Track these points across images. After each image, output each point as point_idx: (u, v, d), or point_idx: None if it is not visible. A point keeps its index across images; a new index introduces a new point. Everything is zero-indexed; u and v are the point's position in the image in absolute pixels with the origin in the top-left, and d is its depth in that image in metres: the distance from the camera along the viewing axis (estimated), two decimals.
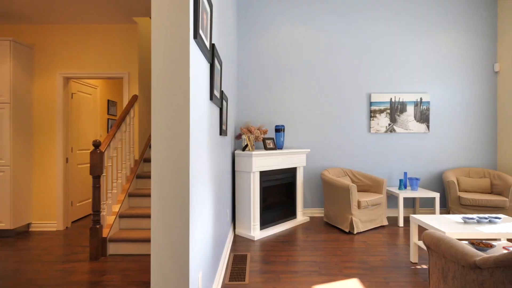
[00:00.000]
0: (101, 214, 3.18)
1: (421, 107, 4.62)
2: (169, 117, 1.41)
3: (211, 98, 2.04)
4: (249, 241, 3.55)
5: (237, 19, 4.68)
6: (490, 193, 4.22)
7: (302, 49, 4.68)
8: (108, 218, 3.31)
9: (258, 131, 4.13)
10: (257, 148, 4.56)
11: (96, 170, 3.00)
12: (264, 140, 4.12)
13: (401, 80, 4.68)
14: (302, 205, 4.40)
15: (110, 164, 3.33)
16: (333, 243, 3.44)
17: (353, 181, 4.46)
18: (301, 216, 4.38)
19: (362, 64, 4.68)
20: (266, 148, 4.06)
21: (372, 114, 4.63)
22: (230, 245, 3.34)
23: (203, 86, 1.81)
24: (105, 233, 3.13)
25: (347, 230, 3.80)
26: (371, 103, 4.63)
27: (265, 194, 4.00)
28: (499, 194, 4.10)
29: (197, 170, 1.60)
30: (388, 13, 4.67)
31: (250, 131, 4.13)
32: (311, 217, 4.58)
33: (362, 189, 4.37)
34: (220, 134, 2.59)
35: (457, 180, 4.40)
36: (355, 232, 3.74)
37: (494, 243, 2.77)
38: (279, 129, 4.31)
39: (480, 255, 1.49)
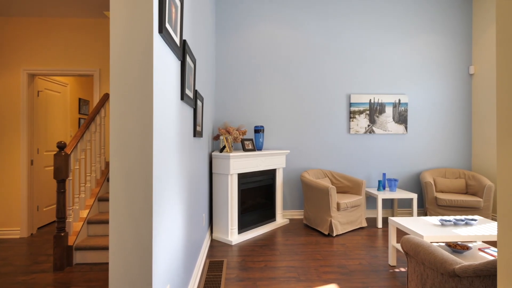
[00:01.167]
0: (67, 220, 2.96)
1: (400, 108, 4.66)
2: (129, 118, 1.27)
3: (182, 98, 1.91)
4: (227, 246, 3.43)
5: (216, 17, 4.54)
6: (465, 194, 4.30)
7: (282, 49, 4.60)
8: (75, 224, 3.09)
9: (237, 132, 4.02)
10: (236, 150, 4.45)
11: (61, 173, 2.78)
12: (242, 141, 4.01)
13: (380, 81, 4.70)
14: (282, 207, 4.32)
15: (78, 167, 3.12)
16: (312, 247, 3.37)
17: (332, 183, 4.43)
18: (281, 218, 4.30)
19: (342, 64, 4.66)
20: (244, 149, 3.95)
21: (352, 115, 4.62)
22: (206, 250, 3.21)
23: (172, 85, 1.68)
24: (71, 240, 2.92)
25: (326, 233, 3.75)
26: (350, 104, 4.62)
27: (244, 196, 3.89)
28: (474, 194, 4.19)
29: (163, 174, 1.47)
30: (367, 14, 4.67)
31: (229, 132, 4.01)
32: (290, 219, 4.51)
33: (342, 190, 4.35)
34: (194, 135, 2.46)
35: (434, 181, 4.45)
36: (334, 234, 3.70)
37: (470, 244, 2.79)
38: (258, 130, 4.21)
39: (459, 262, 1.45)
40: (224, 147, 3.67)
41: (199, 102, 2.67)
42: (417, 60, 4.72)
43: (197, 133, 2.55)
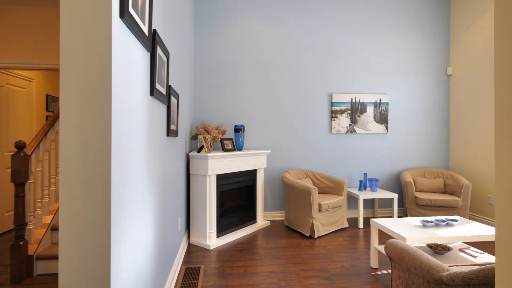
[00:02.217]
0: (28, 227, 2.71)
1: (380, 108, 4.65)
2: (82, 115, 1.10)
3: (152, 93, 1.74)
4: (205, 250, 3.27)
5: (194, 12, 4.35)
6: (444, 193, 4.34)
7: (263, 47, 4.48)
8: (37, 231, 2.83)
9: (216, 131, 3.86)
10: (215, 150, 4.28)
11: (19, 176, 2.53)
12: (222, 140, 3.85)
13: (361, 80, 4.67)
14: (263, 209, 4.20)
15: (40, 169, 2.86)
16: (293, 250, 3.27)
17: (314, 183, 4.36)
18: (262, 220, 4.18)
19: (324, 63, 4.60)
20: (224, 149, 3.80)
21: (334, 114, 4.57)
22: (182, 257, 3.04)
23: (139, 78, 1.51)
24: (31, 249, 2.67)
25: (307, 235, 3.67)
26: (332, 103, 4.56)
27: (223, 198, 3.74)
28: (452, 193, 4.23)
29: (126, 177, 1.30)
30: (349, 13, 4.63)
31: (207, 131, 3.85)
32: (272, 221, 4.40)
33: (323, 190, 4.28)
34: (168, 134, 2.28)
35: (414, 181, 4.47)
36: (315, 236, 3.62)
37: (450, 245, 2.78)
38: (238, 129, 4.07)
39: (446, 269, 1.37)
40: (202, 147, 3.51)
41: (173, 99, 2.50)
42: (397, 60, 4.73)
43: (171, 132, 2.38)
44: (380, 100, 4.64)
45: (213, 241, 3.39)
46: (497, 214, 0.87)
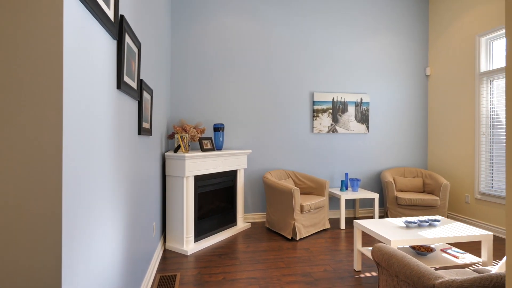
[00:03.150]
0: None
1: (361, 107, 4.63)
2: (30, 108, 0.91)
3: (119, 87, 1.56)
4: (182, 256, 3.08)
5: (171, 5, 4.14)
6: (423, 192, 4.38)
7: (245, 43, 4.34)
8: None
9: (194, 130, 3.68)
10: (194, 149, 4.10)
11: None
12: (200, 140, 3.68)
13: (343, 79, 4.63)
14: (243, 211, 4.06)
15: None
16: (275, 253, 3.15)
17: (296, 184, 4.27)
18: (242, 222, 4.04)
19: (306, 61, 4.52)
20: (203, 149, 3.62)
21: (315, 113, 4.50)
22: (157, 264, 2.84)
23: (103, 69, 1.33)
24: None
25: (289, 237, 3.56)
26: (314, 102, 4.49)
27: (201, 200, 3.56)
28: (431, 193, 4.27)
29: (84, 178, 1.12)
30: (330, 10, 4.57)
31: (185, 130, 3.66)
32: (252, 223, 4.27)
33: (305, 191, 4.20)
34: (140, 133, 2.09)
35: (394, 180, 4.48)
36: (297, 238, 3.52)
37: (433, 245, 2.75)
38: (218, 128, 3.90)
39: (438, 277, 1.28)
40: (179, 146, 3.32)
41: (146, 95, 2.30)
42: (377, 60, 4.73)
43: (143, 130, 2.19)
44: (361, 99, 4.62)
45: (190, 246, 3.22)
46: (507, 215, 0.78)
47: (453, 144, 4.41)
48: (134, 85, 1.89)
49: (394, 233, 2.44)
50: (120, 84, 1.56)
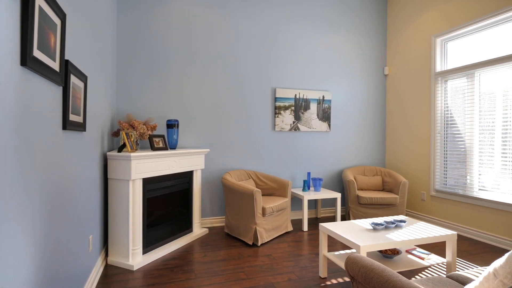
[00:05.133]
0: None
1: (324, 105, 4.52)
2: None
3: (24, 63, 1.15)
4: (127, 272, 2.66)
5: None
6: (382, 190, 4.39)
7: (204, 34, 3.98)
8: None
9: (144, 127, 3.25)
10: (144, 148, 3.65)
11: None
12: (151, 137, 3.26)
13: (305, 76, 4.48)
14: (200, 215, 3.71)
15: None
16: (234, 262, 2.86)
17: (257, 185, 4.02)
18: (199, 228, 3.69)
19: (268, 56, 4.29)
20: (154, 148, 3.21)
21: (277, 110, 4.29)
22: (95, 284, 2.40)
23: None
24: None
25: (250, 242, 3.30)
26: (276, 99, 4.28)
27: (152, 206, 3.15)
28: (390, 191, 4.29)
29: None
30: (294, 6, 4.39)
31: (133, 126, 3.22)
32: (210, 228, 3.93)
33: (267, 192, 3.97)
34: (65, 127, 1.67)
35: (355, 179, 4.44)
36: (259, 244, 3.27)
37: (398, 247, 2.65)
38: (172, 125, 3.51)
39: None
40: (124, 145, 2.88)
41: (76, 81, 1.88)
42: (339, 58, 4.66)
43: (72, 125, 1.76)
44: (323, 97, 4.52)
45: (137, 259, 2.80)
46: None
47: (410, 143, 4.48)
48: (54, 65, 1.47)
49: (362, 237, 2.28)
50: (26, 59, 1.16)
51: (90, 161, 2.33)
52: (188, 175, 3.56)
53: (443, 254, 3.06)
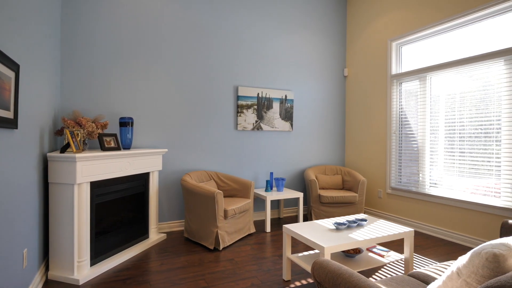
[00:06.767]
0: None
1: (286, 104, 4.50)
2: None
3: None
4: (71, 287, 2.37)
5: None
6: (342, 189, 4.48)
7: (162, 27, 3.73)
8: None
9: (93, 125, 2.94)
10: (92, 149, 3.33)
11: None
12: (101, 136, 2.96)
13: (268, 75, 4.42)
14: (157, 220, 3.47)
15: None
16: (195, 269, 2.69)
17: (219, 186, 3.87)
18: (156, 234, 3.45)
19: (230, 52, 4.15)
20: (104, 148, 2.92)
21: (240, 109, 4.17)
22: None
23: None
24: None
25: (211, 247, 3.15)
26: (238, 97, 4.16)
27: (101, 212, 2.87)
28: (350, 189, 4.39)
29: None
30: (259, 6, 4.31)
31: (80, 124, 2.90)
32: (169, 233, 3.70)
33: (229, 194, 3.84)
34: None
35: (316, 178, 4.48)
36: (220, 248, 3.13)
37: (361, 246, 2.67)
38: (125, 123, 3.24)
39: None
40: (68, 145, 2.57)
41: (3, 69, 1.59)
42: (300, 57, 4.67)
43: None
44: (285, 96, 4.49)
45: (84, 272, 2.51)
46: None
47: (368, 142, 4.63)
48: None
49: (326, 238, 2.25)
50: None
51: (24, 163, 2.03)
52: (144, 177, 3.31)
53: (400, 250, 3.17)
